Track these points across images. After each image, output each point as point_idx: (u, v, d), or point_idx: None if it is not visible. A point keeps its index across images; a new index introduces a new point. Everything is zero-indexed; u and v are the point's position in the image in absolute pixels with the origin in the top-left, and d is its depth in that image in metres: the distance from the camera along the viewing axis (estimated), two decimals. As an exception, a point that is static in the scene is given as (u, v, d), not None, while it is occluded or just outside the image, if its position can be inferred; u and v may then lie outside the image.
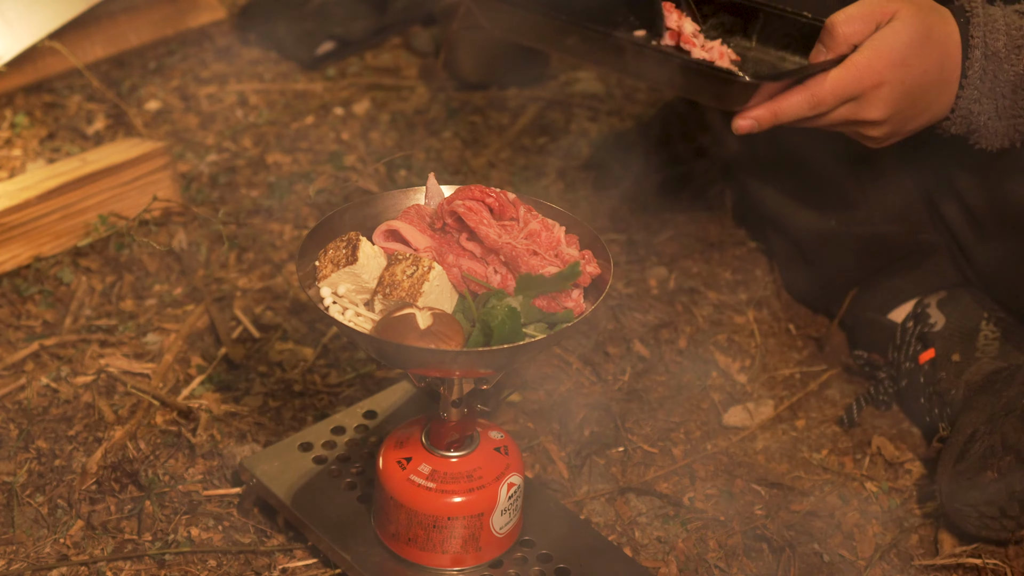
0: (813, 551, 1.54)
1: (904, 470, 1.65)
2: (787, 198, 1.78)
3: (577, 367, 1.77)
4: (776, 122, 1.37)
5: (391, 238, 1.36)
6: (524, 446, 1.65)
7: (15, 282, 1.86)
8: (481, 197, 1.36)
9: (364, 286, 1.33)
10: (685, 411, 1.72)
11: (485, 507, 1.37)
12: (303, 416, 1.68)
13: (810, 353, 1.81)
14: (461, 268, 1.34)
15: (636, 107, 2.30)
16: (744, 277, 1.94)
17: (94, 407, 1.67)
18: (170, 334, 1.79)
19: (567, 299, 1.32)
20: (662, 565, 1.51)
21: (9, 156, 2.12)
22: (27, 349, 1.75)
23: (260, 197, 2.06)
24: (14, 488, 1.56)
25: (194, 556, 1.50)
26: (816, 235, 1.78)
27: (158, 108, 2.27)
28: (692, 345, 1.81)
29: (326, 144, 2.19)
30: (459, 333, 1.27)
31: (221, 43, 2.45)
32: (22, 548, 1.50)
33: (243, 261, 1.94)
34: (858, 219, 1.74)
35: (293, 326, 1.81)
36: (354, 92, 2.33)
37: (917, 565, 1.53)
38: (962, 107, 1.42)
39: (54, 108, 2.24)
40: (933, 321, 1.67)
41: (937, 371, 1.63)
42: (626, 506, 1.59)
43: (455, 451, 1.37)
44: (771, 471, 1.64)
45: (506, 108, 2.30)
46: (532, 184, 2.11)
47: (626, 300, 1.88)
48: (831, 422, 1.71)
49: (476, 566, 1.40)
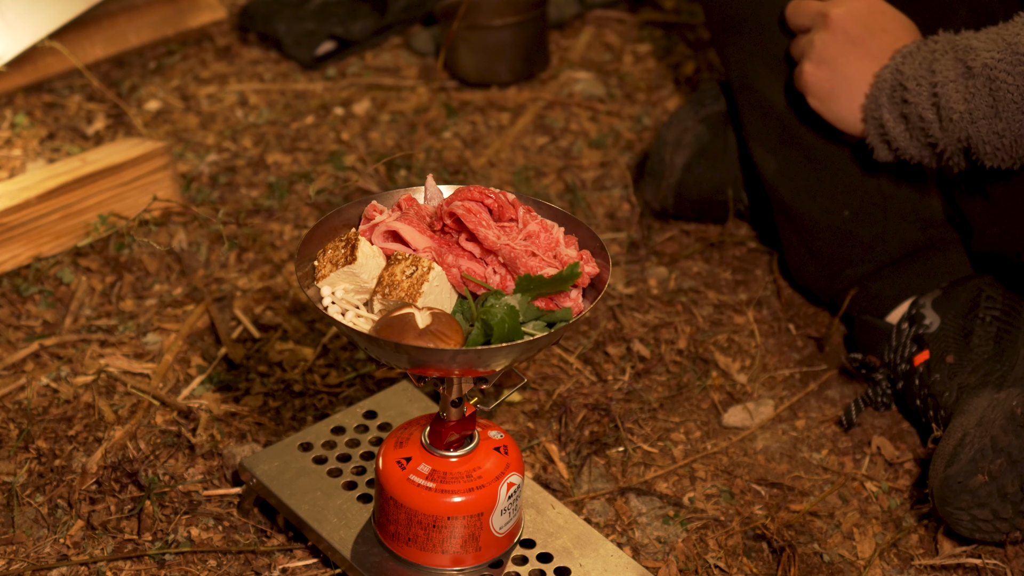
0: (813, 551, 1.54)
1: (904, 470, 1.65)
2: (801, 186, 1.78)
3: (577, 367, 1.77)
4: None
5: (390, 238, 1.36)
6: (524, 446, 1.65)
7: (15, 282, 1.86)
8: (480, 198, 1.36)
9: (363, 286, 1.33)
10: (685, 411, 1.72)
11: (485, 507, 1.37)
12: (303, 416, 1.68)
13: (810, 353, 1.81)
14: (460, 268, 1.34)
15: (636, 107, 2.31)
16: (744, 277, 1.94)
17: (94, 407, 1.67)
18: (170, 334, 1.79)
19: (566, 299, 1.32)
20: (662, 565, 1.51)
21: (9, 156, 2.12)
22: (27, 349, 1.75)
23: (260, 197, 2.06)
24: (14, 488, 1.56)
25: (194, 556, 1.50)
26: (827, 226, 1.78)
27: (158, 108, 2.27)
28: (692, 345, 1.81)
29: (326, 144, 2.19)
30: (458, 332, 1.27)
31: (221, 43, 2.45)
32: (22, 548, 1.50)
33: (243, 261, 1.94)
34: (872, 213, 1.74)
35: (293, 326, 1.82)
36: (354, 92, 2.33)
37: (917, 565, 1.53)
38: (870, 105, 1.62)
39: (54, 108, 2.24)
40: (928, 322, 1.67)
41: (931, 373, 1.63)
42: (626, 506, 1.59)
43: (455, 451, 1.37)
44: (771, 471, 1.64)
45: (506, 108, 2.30)
46: (532, 184, 2.11)
47: (626, 300, 1.88)
48: (831, 422, 1.71)
49: (476, 566, 1.40)
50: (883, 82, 1.61)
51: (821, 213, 1.77)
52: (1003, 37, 1.51)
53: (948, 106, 1.54)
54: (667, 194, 1.97)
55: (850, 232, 1.76)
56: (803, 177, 1.77)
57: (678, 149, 1.96)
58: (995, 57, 1.50)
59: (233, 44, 2.45)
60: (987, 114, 1.51)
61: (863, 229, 1.75)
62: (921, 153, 1.61)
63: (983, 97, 1.51)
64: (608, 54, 2.46)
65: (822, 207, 1.77)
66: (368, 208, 1.39)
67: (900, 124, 1.60)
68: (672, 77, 2.39)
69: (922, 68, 1.57)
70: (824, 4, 1.67)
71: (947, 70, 1.54)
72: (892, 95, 1.60)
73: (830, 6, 1.66)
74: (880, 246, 1.75)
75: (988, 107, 1.51)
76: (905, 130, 1.60)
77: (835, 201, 1.75)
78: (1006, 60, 1.49)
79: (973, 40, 1.54)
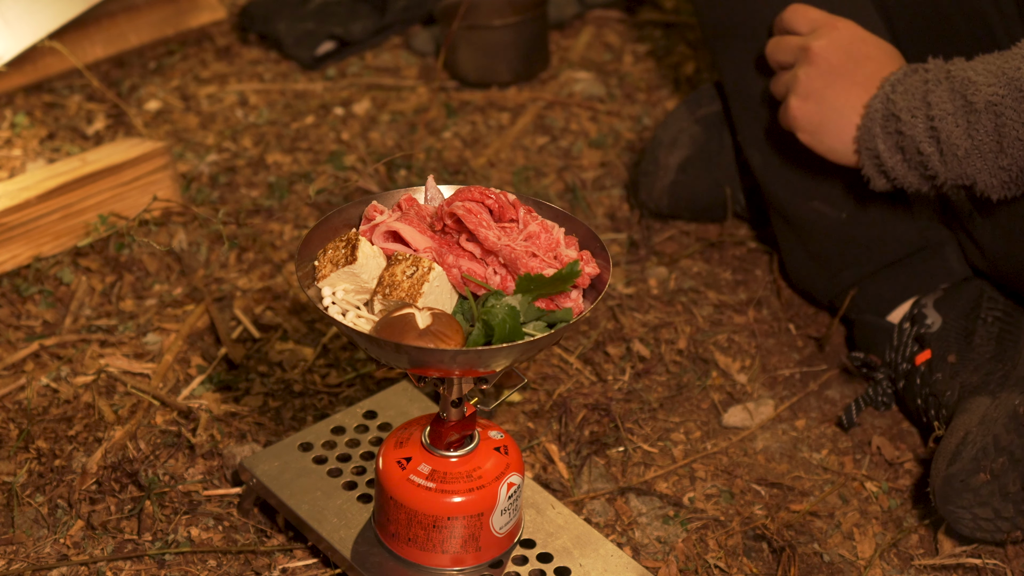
0: (813, 551, 1.54)
1: (904, 470, 1.65)
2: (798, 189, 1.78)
3: (577, 367, 1.77)
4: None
5: (391, 239, 1.36)
6: (524, 446, 1.65)
7: (15, 282, 1.86)
8: (481, 199, 1.36)
9: (363, 286, 1.33)
10: (685, 411, 1.72)
11: (485, 507, 1.37)
12: (303, 416, 1.68)
13: (810, 353, 1.81)
14: (461, 269, 1.34)
15: (636, 107, 2.31)
16: (744, 277, 1.94)
17: (94, 407, 1.67)
18: (170, 334, 1.79)
19: (566, 299, 1.32)
20: (662, 565, 1.51)
21: (9, 156, 2.12)
22: (27, 349, 1.75)
23: (260, 197, 2.06)
24: (14, 488, 1.56)
25: (194, 556, 1.50)
26: (824, 229, 1.77)
27: (158, 108, 2.27)
28: (692, 345, 1.81)
29: (326, 144, 2.19)
30: (458, 333, 1.27)
31: (221, 43, 2.45)
32: (22, 548, 1.50)
33: (243, 261, 1.94)
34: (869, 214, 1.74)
35: (293, 326, 1.82)
36: (354, 92, 2.33)
37: (917, 565, 1.53)
38: (864, 130, 1.59)
39: (54, 108, 2.24)
40: (930, 322, 1.67)
41: (933, 372, 1.63)
42: (626, 506, 1.59)
43: (455, 451, 1.37)
44: (771, 471, 1.64)
45: (506, 108, 2.30)
46: (532, 184, 2.11)
47: (626, 300, 1.88)
48: (831, 422, 1.71)
49: (476, 566, 1.40)
50: (875, 112, 1.57)
51: (818, 216, 1.77)
52: (1004, 71, 1.47)
53: (950, 141, 1.50)
54: (660, 195, 1.97)
55: (848, 234, 1.76)
56: (799, 180, 1.77)
57: (673, 150, 1.95)
58: (999, 93, 1.46)
59: (233, 44, 2.45)
60: (992, 149, 1.48)
61: (860, 231, 1.75)
62: (920, 183, 1.57)
63: (988, 133, 1.47)
64: (608, 54, 2.46)
65: (819, 210, 1.77)
66: (368, 208, 1.39)
67: (896, 155, 1.56)
68: (672, 77, 2.39)
69: (915, 99, 1.53)
70: (804, 38, 1.64)
71: (944, 102, 1.50)
72: (885, 125, 1.57)
73: (810, 40, 1.63)
74: (878, 247, 1.75)
75: (993, 143, 1.47)
76: (902, 160, 1.56)
77: (832, 204, 1.75)
78: (1010, 96, 1.46)
79: (970, 72, 1.50)
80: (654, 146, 1.97)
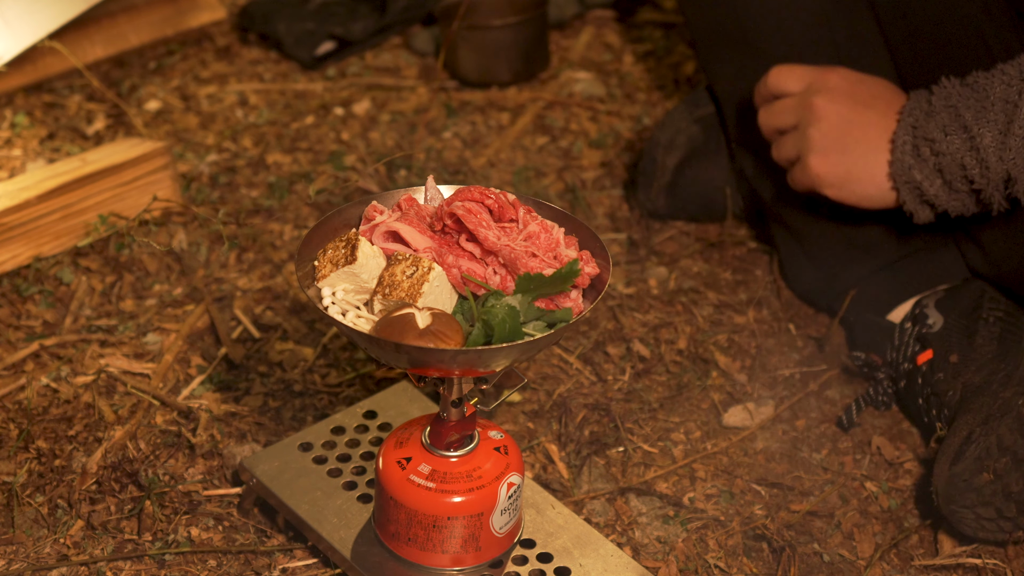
0: (813, 551, 1.54)
1: (904, 470, 1.65)
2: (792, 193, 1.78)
3: (577, 367, 1.77)
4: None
5: (391, 239, 1.36)
6: (524, 446, 1.65)
7: (15, 282, 1.86)
8: (481, 199, 1.36)
9: (363, 286, 1.33)
10: (685, 411, 1.72)
11: (485, 507, 1.37)
12: (303, 416, 1.68)
13: (810, 353, 1.81)
14: (461, 269, 1.34)
15: (636, 107, 2.31)
16: (744, 277, 1.94)
17: (94, 407, 1.67)
18: (170, 334, 1.79)
19: (566, 299, 1.32)
20: (662, 565, 1.51)
21: (9, 156, 2.12)
22: (27, 349, 1.75)
23: (260, 197, 2.06)
24: (14, 488, 1.56)
25: (194, 556, 1.50)
26: (821, 231, 1.77)
27: (158, 108, 2.27)
28: (692, 345, 1.81)
29: (326, 144, 2.19)
30: (458, 332, 1.27)
31: (221, 43, 2.45)
32: (22, 548, 1.50)
33: (243, 261, 1.94)
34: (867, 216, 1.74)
35: (293, 326, 1.82)
36: (354, 92, 2.33)
37: (917, 565, 1.53)
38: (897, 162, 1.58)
39: (54, 108, 2.24)
40: (932, 322, 1.67)
41: (935, 372, 1.63)
42: (626, 506, 1.59)
43: (455, 451, 1.37)
44: (771, 471, 1.64)
45: (506, 108, 2.30)
46: (532, 184, 2.11)
47: (626, 300, 1.88)
48: (831, 422, 1.71)
49: (476, 566, 1.40)
50: (903, 144, 1.55)
51: (815, 219, 1.77)
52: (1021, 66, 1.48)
53: (992, 144, 1.49)
54: (658, 195, 1.97)
55: (846, 235, 1.76)
56: None
57: (670, 150, 1.95)
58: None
59: (233, 44, 2.45)
60: None
61: (859, 232, 1.75)
62: (964, 203, 1.56)
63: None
64: (608, 54, 2.46)
65: (815, 213, 1.77)
66: (368, 208, 1.39)
67: (936, 179, 1.54)
68: (672, 77, 2.39)
69: (946, 116, 1.51)
70: (801, 97, 1.62)
71: (974, 108, 1.49)
72: (918, 153, 1.54)
73: (810, 96, 1.61)
74: (877, 248, 1.75)
75: None
76: (943, 184, 1.54)
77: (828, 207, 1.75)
78: None
79: (989, 77, 1.51)
80: (652, 146, 1.96)
